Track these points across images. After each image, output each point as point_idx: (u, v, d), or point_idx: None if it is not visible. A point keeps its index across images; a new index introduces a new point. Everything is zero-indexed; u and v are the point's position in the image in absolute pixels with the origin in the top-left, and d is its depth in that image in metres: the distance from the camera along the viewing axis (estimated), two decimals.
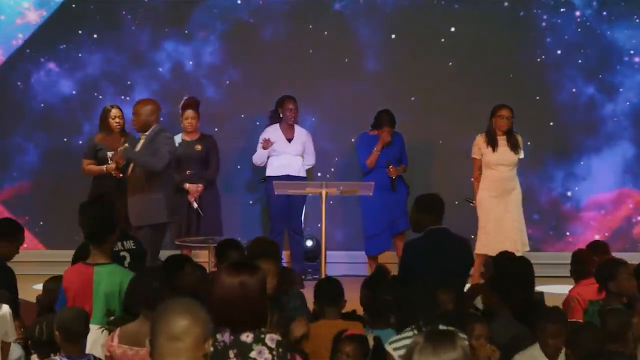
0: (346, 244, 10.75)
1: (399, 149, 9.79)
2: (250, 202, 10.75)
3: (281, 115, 10.03)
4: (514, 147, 9.24)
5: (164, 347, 3.19)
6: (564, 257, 9.90)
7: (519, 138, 9.35)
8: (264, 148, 9.86)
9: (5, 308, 5.52)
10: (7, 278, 6.39)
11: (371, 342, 5.03)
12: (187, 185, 9.48)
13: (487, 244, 9.07)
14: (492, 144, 9.20)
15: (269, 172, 9.95)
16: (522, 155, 9.35)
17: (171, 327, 3.19)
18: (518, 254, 8.92)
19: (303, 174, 10.05)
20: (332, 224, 9.98)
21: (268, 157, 9.97)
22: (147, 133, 8.26)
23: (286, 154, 9.96)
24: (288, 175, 9.83)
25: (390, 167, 9.59)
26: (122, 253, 6.35)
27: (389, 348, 4.82)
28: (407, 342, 4.69)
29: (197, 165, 9.60)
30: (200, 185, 9.50)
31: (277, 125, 10.06)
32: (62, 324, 4.98)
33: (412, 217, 6.88)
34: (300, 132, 10.13)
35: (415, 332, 4.75)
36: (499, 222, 9.20)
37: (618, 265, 6.09)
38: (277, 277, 5.34)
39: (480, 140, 9.29)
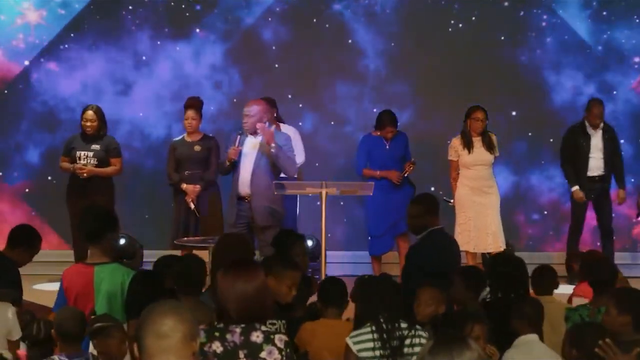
0: (346, 244, 10.77)
1: (402, 148, 9.75)
2: None
3: None
4: (489, 147, 9.48)
5: (152, 346, 3.22)
6: (564, 257, 9.95)
7: (494, 137, 9.57)
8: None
9: (8, 306, 5.53)
10: (12, 274, 6.46)
11: None
12: (184, 186, 9.45)
13: (468, 241, 9.23)
14: (468, 145, 9.46)
15: None
16: (497, 154, 9.57)
17: (158, 326, 3.22)
18: (500, 249, 9.17)
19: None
20: (333, 224, 9.99)
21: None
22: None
23: None
24: (281, 177, 9.73)
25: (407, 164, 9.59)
26: None
27: (349, 342, 4.82)
28: (367, 336, 4.79)
29: (196, 166, 9.53)
30: (198, 186, 9.41)
31: None
32: (58, 325, 5.00)
33: (417, 218, 6.89)
34: (287, 131, 10.01)
35: (374, 327, 4.79)
36: (480, 219, 9.37)
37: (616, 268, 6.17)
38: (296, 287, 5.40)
39: (456, 142, 9.53)
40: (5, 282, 6.14)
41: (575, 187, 9.82)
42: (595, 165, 9.86)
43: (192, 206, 9.37)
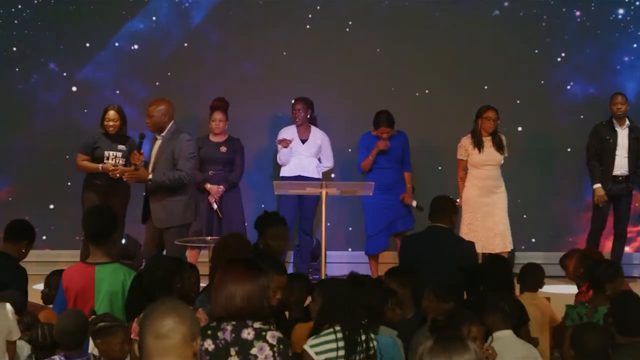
0: (346, 244, 10.77)
1: (400, 149, 9.78)
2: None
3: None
4: (499, 147, 9.48)
5: (152, 346, 3.22)
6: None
7: (503, 138, 9.57)
8: (284, 147, 9.86)
9: (8, 307, 5.53)
10: (21, 278, 6.45)
11: None
12: (208, 186, 9.55)
13: (476, 241, 9.19)
14: (479, 145, 9.43)
15: (284, 173, 9.97)
16: (506, 154, 9.55)
17: (158, 327, 3.23)
18: (507, 250, 9.14)
19: (317, 175, 10.00)
20: (333, 223, 9.99)
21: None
22: (163, 134, 8.21)
23: (300, 155, 9.96)
24: (300, 176, 9.82)
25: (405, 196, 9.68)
26: None
27: (309, 350, 4.56)
28: (331, 345, 4.57)
29: (221, 167, 9.67)
30: (222, 186, 9.57)
31: (294, 126, 10.07)
32: (59, 331, 4.98)
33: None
34: (315, 134, 10.10)
35: (337, 335, 4.57)
36: (488, 218, 9.36)
37: (618, 268, 6.17)
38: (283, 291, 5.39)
39: (466, 141, 9.50)
40: (10, 285, 6.14)
41: (597, 185, 9.77)
42: (619, 163, 9.83)
43: (215, 206, 9.48)
